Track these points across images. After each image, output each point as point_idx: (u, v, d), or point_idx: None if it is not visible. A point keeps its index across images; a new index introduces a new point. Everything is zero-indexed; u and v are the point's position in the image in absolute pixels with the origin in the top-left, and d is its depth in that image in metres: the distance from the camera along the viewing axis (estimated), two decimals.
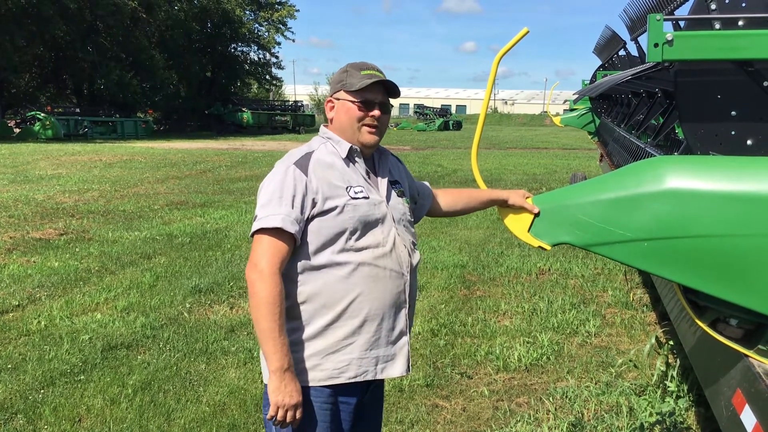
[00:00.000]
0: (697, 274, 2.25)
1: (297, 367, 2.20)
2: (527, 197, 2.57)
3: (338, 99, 2.31)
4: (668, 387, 4.19)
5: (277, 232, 2.13)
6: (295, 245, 2.18)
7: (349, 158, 2.30)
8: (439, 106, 73.34)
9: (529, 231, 2.52)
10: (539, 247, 2.49)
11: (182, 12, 45.81)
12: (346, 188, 2.23)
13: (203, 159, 21.74)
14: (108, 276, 7.14)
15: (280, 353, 2.10)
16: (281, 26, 54.43)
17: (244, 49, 54.03)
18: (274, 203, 2.15)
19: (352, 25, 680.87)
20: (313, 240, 2.19)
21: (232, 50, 52.82)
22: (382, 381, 2.47)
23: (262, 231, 2.14)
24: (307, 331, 2.23)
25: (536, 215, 2.50)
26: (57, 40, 37.26)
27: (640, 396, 4.25)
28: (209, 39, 50.23)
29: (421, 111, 65.86)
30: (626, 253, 2.31)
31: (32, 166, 18.35)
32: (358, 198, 2.23)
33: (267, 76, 57.18)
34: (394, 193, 2.38)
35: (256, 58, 55.08)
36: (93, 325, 5.57)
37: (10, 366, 4.72)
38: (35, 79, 41.38)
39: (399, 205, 2.38)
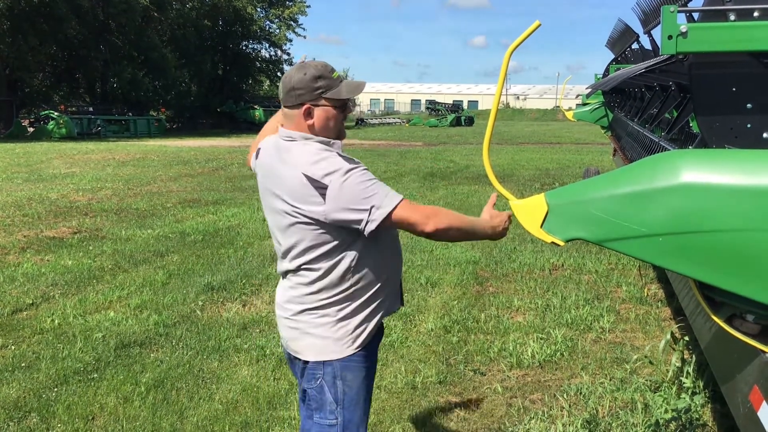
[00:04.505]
0: (713, 270, 2.21)
1: (340, 340, 2.44)
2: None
3: (317, 105, 2.39)
4: (684, 383, 4.15)
5: (401, 202, 2.31)
6: None
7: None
8: (451, 102, 73.09)
9: (541, 226, 2.48)
10: (552, 242, 2.46)
11: (194, 10, 45.87)
12: None
13: (215, 157, 21.79)
14: (121, 274, 7.17)
15: (479, 223, 2.48)
16: (292, 23, 54.39)
17: (256, 46, 54.01)
18: (378, 188, 2.29)
19: (361, 21, 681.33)
20: None
21: (244, 48, 52.84)
22: None
23: (392, 210, 2.28)
24: (358, 303, 2.45)
25: (548, 211, 2.47)
26: (70, 39, 37.36)
27: (655, 392, 4.21)
28: (221, 37, 50.28)
29: (433, 107, 65.62)
30: (641, 249, 2.27)
31: (46, 165, 18.46)
32: None
33: (279, 73, 57.12)
34: None
35: (268, 56, 55.08)
36: (106, 323, 5.59)
37: (23, 364, 4.75)
38: (48, 78, 41.54)
39: None
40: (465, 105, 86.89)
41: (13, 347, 5.07)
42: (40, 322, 5.59)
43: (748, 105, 2.61)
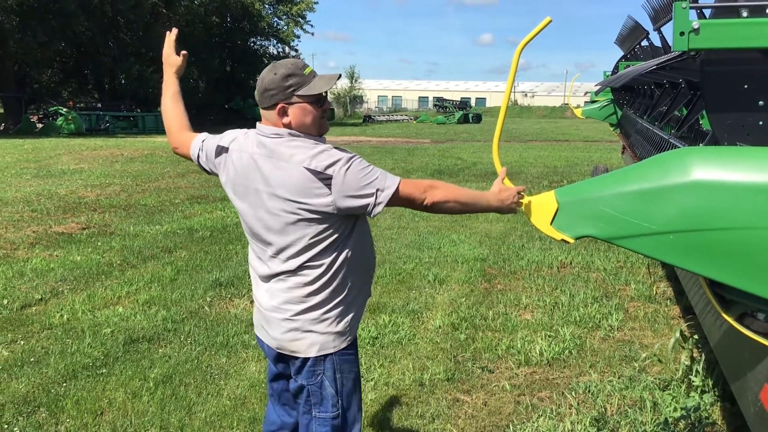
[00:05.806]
0: (724, 267, 2.20)
1: (341, 333, 2.49)
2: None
3: (291, 104, 2.37)
4: (693, 382, 4.14)
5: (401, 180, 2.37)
6: None
7: None
8: (459, 99, 73.01)
9: (551, 224, 2.48)
10: (562, 240, 2.46)
11: (202, 6, 45.94)
12: None
13: None
14: (129, 270, 7.19)
15: (483, 196, 2.50)
16: (300, 19, 54.34)
17: (264, 43, 54.03)
18: (377, 172, 2.33)
19: (368, 19, 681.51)
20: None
21: (252, 44, 52.86)
22: None
23: (396, 189, 2.33)
24: (354, 295, 2.52)
25: (558, 208, 2.47)
26: (78, 36, 37.53)
27: (664, 391, 4.20)
28: (228, 33, 50.32)
29: (441, 104, 65.63)
30: (651, 246, 2.26)
31: (55, 160, 18.52)
32: None
33: None
34: None
35: (276, 52, 55.01)
36: (115, 318, 5.61)
37: (32, 359, 4.76)
38: (57, 74, 41.76)
39: None
40: (473, 102, 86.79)
41: (22, 342, 5.09)
42: (49, 318, 5.61)
43: (760, 102, 2.60)
